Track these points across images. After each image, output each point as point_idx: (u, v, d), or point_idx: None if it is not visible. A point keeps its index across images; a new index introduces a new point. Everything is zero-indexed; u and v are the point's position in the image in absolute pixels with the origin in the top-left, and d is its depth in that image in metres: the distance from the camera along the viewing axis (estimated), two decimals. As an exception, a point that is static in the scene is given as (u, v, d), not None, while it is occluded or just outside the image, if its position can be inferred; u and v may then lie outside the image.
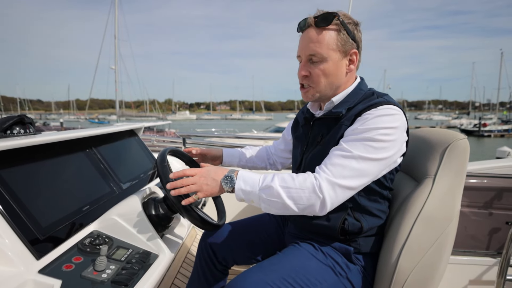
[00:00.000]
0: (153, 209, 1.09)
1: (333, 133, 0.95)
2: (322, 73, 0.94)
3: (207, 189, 0.88)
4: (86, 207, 1.04)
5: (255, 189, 0.86)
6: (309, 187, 0.83)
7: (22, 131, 1.07)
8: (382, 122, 0.85)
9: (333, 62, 0.94)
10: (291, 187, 0.84)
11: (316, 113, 1.06)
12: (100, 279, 0.80)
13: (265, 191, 0.85)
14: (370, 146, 0.84)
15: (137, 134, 1.73)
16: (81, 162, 1.16)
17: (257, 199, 0.86)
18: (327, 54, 0.93)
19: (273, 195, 0.84)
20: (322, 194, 0.82)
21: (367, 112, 0.88)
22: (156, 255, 0.97)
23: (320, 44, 0.92)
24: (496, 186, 1.61)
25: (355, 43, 0.95)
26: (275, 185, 0.84)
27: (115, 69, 27.66)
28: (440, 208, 0.91)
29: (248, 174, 0.89)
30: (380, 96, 0.94)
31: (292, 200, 0.84)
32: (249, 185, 0.87)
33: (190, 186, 0.88)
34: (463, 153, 0.94)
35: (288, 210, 0.85)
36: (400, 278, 0.90)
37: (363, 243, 0.97)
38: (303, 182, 0.84)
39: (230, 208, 2.06)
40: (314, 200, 0.83)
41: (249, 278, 0.87)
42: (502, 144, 15.61)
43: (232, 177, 0.88)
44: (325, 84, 0.96)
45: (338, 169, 0.84)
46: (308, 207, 0.84)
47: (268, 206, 0.86)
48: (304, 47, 0.96)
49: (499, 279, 1.32)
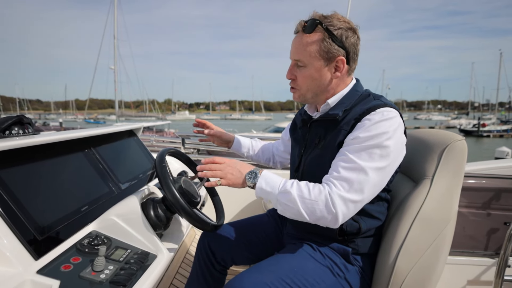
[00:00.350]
0: (151, 209, 1.09)
1: (332, 137, 0.95)
2: (305, 78, 0.98)
3: (231, 178, 0.94)
4: (84, 208, 1.04)
5: (274, 191, 0.90)
6: (323, 200, 0.86)
7: (21, 132, 1.07)
8: (382, 127, 0.86)
9: (315, 69, 0.96)
10: (306, 198, 0.87)
11: (313, 115, 1.07)
12: (98, 279, 0.80)
13: (283, 195, 0.89)
14: (376, 154, 0.85)
15: (136, 134, 1.73)
16: (80, 162, 1.16)
17: (274, 201, 0.91)
18: (308, 61, 0.95)
19: (290, 201, 0.88)
20: (335, 209, 0.84)
21: (366, 117, 0.89)
22: (154, 255, 0.97)
23: (304, 51, 0.95)
24: (494, 187, 1.62)
25: (343, 50, 0.93)
26: (293, 191, 0.88)
27: (114, 69, 27.64)
28: (438, 209, 0.92)
29: (270, 175, 0.93)
30: (376, 98, 0.95)
31: (306, 209, 0.87)
32: (269, 186, 0.91)
33: (216, 172, 0.94)
34: (460, 154, 0.94)
35: (301, 218, 0.89)
36: (398, 279, 0.90)
37: (361, 244, 0.97)
38: (318, 195, 0.86)
39: (229, 208, 2.06)
40: (327, 214, 0.86)
41: (247, 279, 0.87)
42: (501, 144, 15.63)
43: (256, 174, 0.93)
44: (308, 89, 0.99)
45: (349, 183, 0.85)
46: (320, 218, 0.87)
47: (284, 209, 0.90)
48: (292, 51, 0.99)
49: (497, 279, 1.32)
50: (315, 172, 0.99)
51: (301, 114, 1.15)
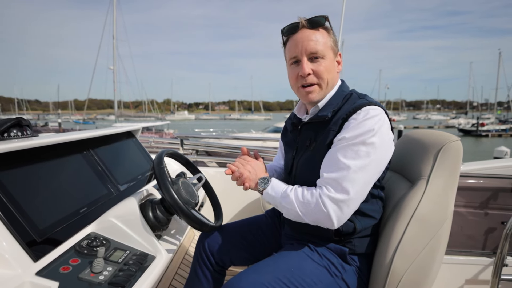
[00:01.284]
0: (150, 210, 1.09)
1: (322, 138, 0.97)
2: (325, 69, 0.97)
3: (247, 176, 1.01)
4: (83, 209, 1.04)
5: (278, 195, 0.97)
6: (314, 202, 0.89)
7: (20, 134, 1.08)
8: (367, 125, 0.88)
9: (330, 60, 0.98)
10: (301, 200, 0.92)
11: (303, 118, 1.08)
12: (97, 280, 0.80)
13: (284, 199, 0.96)
14: (361, 151, 0.87)
15: (135, 136, 1.74)
16: (79, 164, 1.16)
17: (279, 205, 0.98)
18: (327, 52, 0.97)
19: (289, 204, 0.94)
20: (327, 210, 0.87)
21: (352, 116, 0.91)
22: (153, 256, 0.98)
23: (319, 42, 0.96)
24: (492, 187, 1.63)
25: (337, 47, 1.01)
26: (291, 195, 0.94)
27: (113, 69, 27.60)
28: (434, 210, 0.92)
29: (277, 182, 1.00)
30: (361, 96, 0.97)
31: (302, 211, 0.92)
32: (274, 191, 0.98)
33: (238, 164, 1.03)
34: (456, 154, 0.95)
35: (301, 219, 0.94)
36: (394, 279, 0.91)
37: (358, 244, 0.98)
38: (310, 197, 0.91)
39: (227, 209, 2.07)
40: (320, 215, 0.89)
41: (245, 279, 0.88)
42: (499, 143, 15.66)
43: (268, 180, 1.01)
44: (328, 81, 0.99)
45: (336, 184, 0.87)
46: (316, 220, 0.92)
47: (287, 212, 0.97)
48: (304, 46, 0.96)
49: (494, 279, 1.33)
50: (307, 174, 1.00)
51: (291, 118, 1.16)
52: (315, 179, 0.96)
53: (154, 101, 52.03)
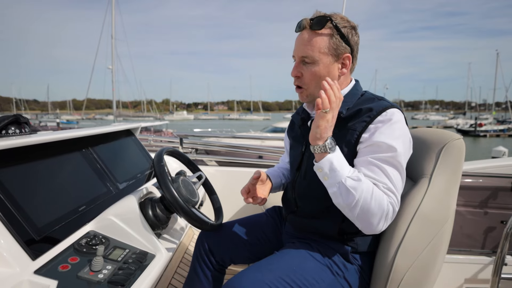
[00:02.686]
0: (150, 209, 1.08)
1: (339, 136, 0.93)
2: (313, 75, 0.96)
3: (329, 119, 0.85)
4: (82, 207, 1.03)
5: (344, 171, 0.85)
6: (384, 208, 0.85)
7: (18, 131, 1.07)
8: (397, 131, 0.89)
9: (324, 65, 0.95)
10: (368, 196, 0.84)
11: (312, 113, 1.06)
12: (96, 279, 0.79)
13: (352, 181, 0.84)
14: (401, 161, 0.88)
15: (134, 134, 1.73)
16: (78, 162, 1.16)
17: (334, 181, 0.85)
18: (318, 57, 0.94)
19: (355, 189, 0.83)
20: (387, 222, 0.88)
21: (378, 119, 0.90)
22: (153, 255, 0.97)
23: (312, 47, 0.94)
24: (491, 186, 1.63)
25: (349, 47, 0.96)
26: (364, 183, 0.84)
27: (112, 69, 27.55)
28: (436, 208, 0.92)
29: (342, 157, 0.88)
30: (380, 98, 0.97)
31: (363, 205, 0.84)
32: (339, 165, 0.85)
33: (328, 103, 0.84)
34: (458, 153, 0.95)
35: (348, 209, 0.86)
36: (396, 278, 0.90)
37: (360, 242, 0.97)
38: (381, 200, 0.85)
39: (227, 207, 2.06)
40: (377, 221, 0.86)
41: (246, 278, 0.87)
42: (497, 144, 15.72)
43: (335, 147, 0.87)
44: (316, 86, 0.97)
45: (395, 196, 0.88)
46: (365, 222, 0.86)
47: (340, 195, 0.85)
48: (297, 49, 0.98)
49: (494, 278, 1.33)
50: None
51: (299, 113, 1.13)
52: None
53: (152, 101, 52.04)
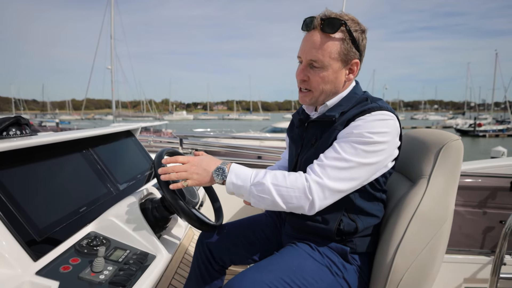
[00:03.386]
0: (150, 210, 1.09)
1: (326, 136, 0.95)
2: (321, 80, 0.94)
3: (197, 178, 0.90)
4: (83, 208, 1.03)
5: (246, 184, 0.88)
6: (299, 187, 0.85)
7: (18, 132, 1.07)
8: (374, 127, 0.87)
9: (333, 71, 0.93)
10: (282, 186, 0.86)
11: (311, 114, 1.07)
12: (97, 280, 0.80)
13: (256, 187, 0.87)
14: (361, 149, 0.86)
15: (134, 135, 1.73)
16: (78, 163, 1.16)
17: (247, 194, 0.89)
18: (328, 62, 0.91)
19: (264, 192, 0.87)
20: (312, 195, 0.85)
21: (360, 117, 0.89)
22: (153, 255, 0.97)
23: (323, 51, 0.90)
24: (490, 186, 1.63)
25: (358, 53, 0.93)
26: (266, 182, 0.86)
27: (111, 69, 27.52)
28: (435, 208, 0.93)
29: (240, 169, 0.91)
30: (374, 101, 0.95)
31: (282, 198, 0.86)
32: (240, 180, 0.88)
33: (180, 173, 0.90)
34: (457, 153, 0.95)
35: (277, 207, 0.88)
36: (395, 278, 0.91)
37: (359, 243, 0.98)
38: (294, 181, 0.86)
39: (227, 208, 2.06)
40: (303, 201, 0.85)
41: (247, 278, 0.87)
42: (497, 144, 15.74)
43: (224, 169, 0.90)
44: (323, 91, 0.96)
45: (328, 171, 0.86)
46: (297, 206, 0.87)
47: (258, 201, 0.89)
48: (306, 51, 0.94)
49: (492, 277, 1.34)
50: None
51: (299, 113, 1.14)
52: None
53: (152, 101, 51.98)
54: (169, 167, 0.93)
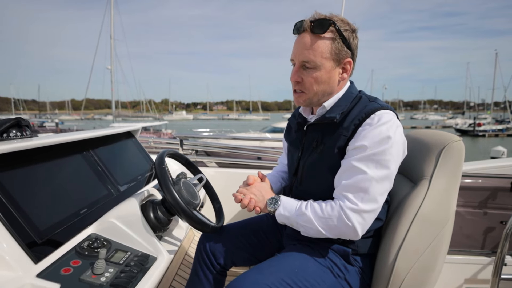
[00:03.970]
0: (151, 211, 1.09)
1: (331, 142, 0.95)
2: (315, 80, 0.94)
3: (254, 200, 1.01)
4: (83, 210, 1.03)
5: (292, 215, 0.95)
6: (336, 216, 0.88)
7: (19, 134, 1.07)
8: (383, 133, 0.87)
9: (326, 71, 0.93)
10: (321, 216, 0.90)
11: (309, 118, 1.06)
12: (98, 282, 0.80)
13: (300, 217, 0.94)
14: (382, 161, 0.86)
15: (134, 136, 1.73)
16: (78, 164, 1.16)
17: (295, 224, 0.96)
18: (320, 62, 0.92)
19: (307, 221, 0.92)
20: (352, 223, 0.87)
21: (366, 122, 0.89)
22: (154, 257, 0.97)
23: (314, 51, 0.91)
24: (490, 186, 1.63)
25: (350, 52, 0.94)
26: (307, 212, 0.92)
27: (111, 69, 27.51)
28: (436, 210, 0.92)
29: (287, 200, 0.99)
30: (372, 100, 0.95)
31: (323, 227, 0.90)
32: (287, 211, 0.97)
33: (241, 189, 1.04)
34: (458, 154, 0.95)
35: (322, 235, 0.92)
36: (397, 279, 0.91)
37: (361, 244, 0.98)
38: (330, 211, 0.89)
39: (228, 210, 2.06)
40: (344, 228, 0.88)
41: (248, 280, 0.87)
42: (496, 143, 15.77)
43: (277, 200, 0.99)
44: (317, 91, 0.96)
45: (361, 195, 0.86)
46: (339, 234, 0.90)
47: (305, 230, 0.94)
48: (298, 53, 0.95)
49: (494, 278, 1.33)
50: (314, 176, 0.99)
51: (295, 116, 1.13)
52: (322, 181, 0.96)
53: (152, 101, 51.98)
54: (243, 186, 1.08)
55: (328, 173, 0.95)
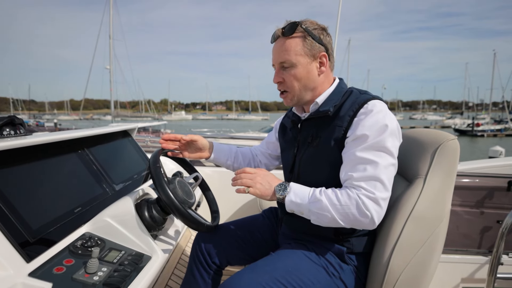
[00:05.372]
0: (146, 210, 1.08)
1: (327, 134, 0.97)
2: (294, 77, 0.99)
3: (260, 188, 0.95)
4: (78, 209, 1.03)
5: (304, 201, 0.91)
6: (354, 204, 0.86)
7: (13, 132, 1.06)
8: (381, 121, 0.89)
9: (302, 66, 0.98)
10: (337, 204, 0.88)
11: (302, 115, 1.08)
12: (91, 281, 0.79)
13: (315, 204, 0.90)
14: (386, 148, 0.88)
15: (131, 135, 1.72)
16: (73, 163, 1.15)
17: (307, 211, 0.92)
18: (296, 59, 0.97)
19: (322, 209, 0.89)
20: (369, 212, 0.85)
21: (361, 111, 0.92)
22: (149, 256, 0.97)
23: (288, 51, 0.97)
24: (487, 186, 1.64)
25: (323, 47, 0.99)
26: (323, 199, 0.89)
27: (110, 69, 27.47)
28: (431, 208, 0.92)
29: (298, 187, 0.95)
30: (362, 92, 0.99)
31: (339, 215, 0.88)
32: (299, 198, 0.92)
33: (246, 180, 0.96)
34: (453, 153, 0.95)
35: (337, 224, 0.89)
36: (392, 277, 0.90)
37: (356, 243, 0.97)
38: (347, 199, 0.87)
39: (224, 209, 2.05)
40: (362, 217, 0.86)
41: (243, 279, 0.87)
42: (495, 143, 15.80)
43: (286, 186, 0.95)
44: (299, 87, 1.00)
45: (374, 183, 0.86)
46: (355, 222, 0.88)
47: (318, 218, 0.91)
48: (275, 56, 1.01)
49: (489, 277, 1.34)
50: (311, 170, 1.00)
51: (289, 116, 1.17)
52: (319, 175, 0.97)
53: (151, 101, 51.90)
54: (237, 175, 0.99)
55: (326, 166, 0.96)
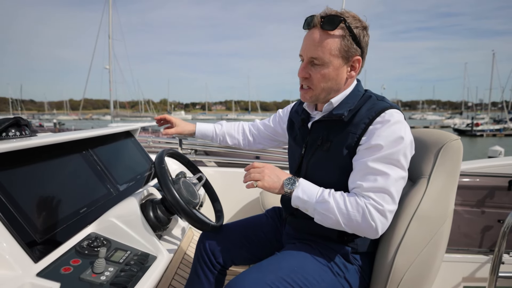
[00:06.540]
0: (151, 210, 1.09)
1: (339, 139, 0.94)
2: (322, 77, 0.93)
3: (268, 181, 0.94)
4: (83, 209, 1.03)
5: (311, 199, 0.90)
6: (360, 212, 0.85)
7: (18, 133, 1.06)
8: (396, 132, 0.87)
9: (333, 68, 0.92)
10: (343, 208, 0.87)
11: (313, 114, 1.06)
12: (98, 281, 0.80)
13: (321, 205, 0.89)
14: (399, 161, 0.86)
15: (134, 135, 1.73)
16: (78, 164, 1.16)
17: (311, 210, 0.91)
18: (329, 59, 0.91)
19: (328, 210, 0.88)
20: (374, 222, 0.85)
21: (377, 120, 0.89)
22: (154, 256, 0.97)
23: (323, 48, 0.90)
24: (488, 185, 1.64)
25: (360, 49, 0.92)
26: (331, 201, 0.88)
27: (109, 69, 27.44)
28: (434, 208, 0.93)
29: (307, 184, 0.93)
30: (379, 98, 0.95)
31: (344, 219, 0.87)
32: (306, 195, 0.91)
33: (254, 175, 0.95)
34: (456, 153, 0.96)
35: (339, 227, 0.89)
36: (396, 277, 0.91)
37: (360, 243, 0.98)
38: (355, 205, 0.86)
39: (228, 208, 2.06)
40: (366, 226, 0.86)
41: (248, 278, 0.88)
42: (494, 143, 15.83)
43: (295, 181, 0.93)
44: (324, 88, 0.95)
45: (382, 195, 0.86)
46: (358, 229, 0.88)
47: (321, 218, 0.90)
48: (307, 48, 0.94)
49: (491, 276, 1.34)
50: (319, 174, 0.98)
51: (298, 112, 1.12)
52: (327, 179, 0.95)
53: (150, 101, 51.83)
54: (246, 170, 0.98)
55: (335, 171, 0.94)
